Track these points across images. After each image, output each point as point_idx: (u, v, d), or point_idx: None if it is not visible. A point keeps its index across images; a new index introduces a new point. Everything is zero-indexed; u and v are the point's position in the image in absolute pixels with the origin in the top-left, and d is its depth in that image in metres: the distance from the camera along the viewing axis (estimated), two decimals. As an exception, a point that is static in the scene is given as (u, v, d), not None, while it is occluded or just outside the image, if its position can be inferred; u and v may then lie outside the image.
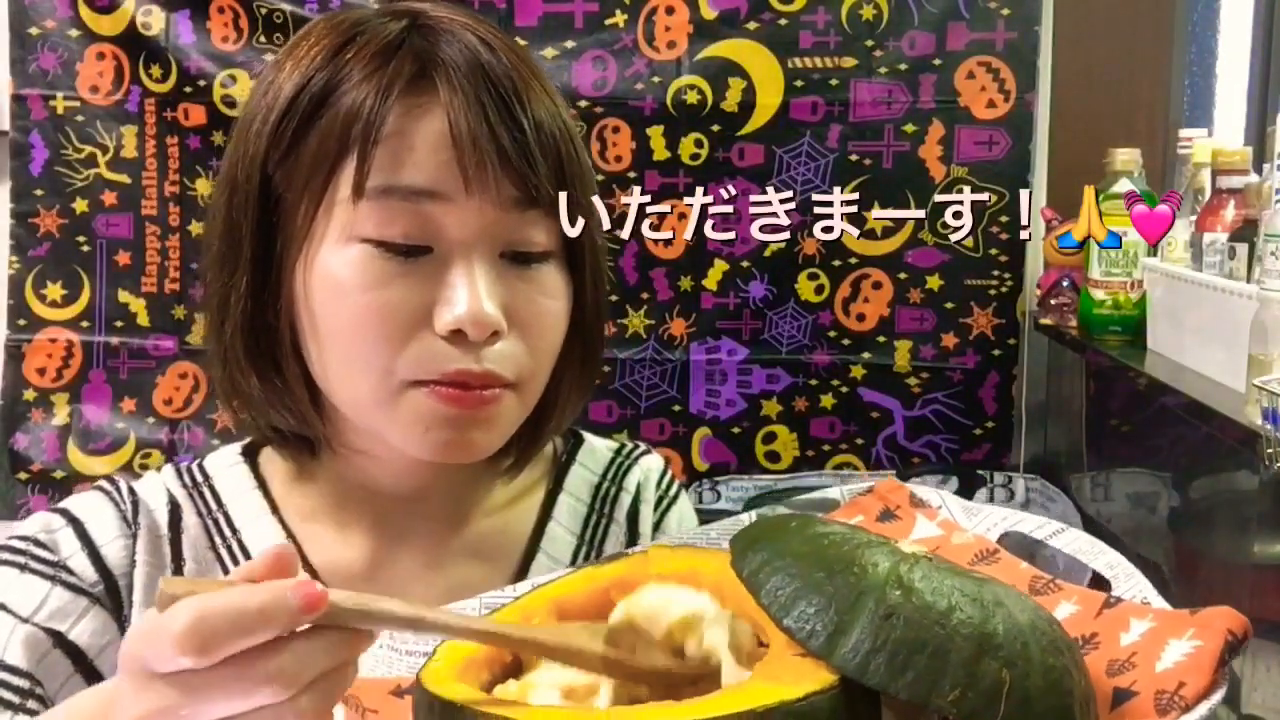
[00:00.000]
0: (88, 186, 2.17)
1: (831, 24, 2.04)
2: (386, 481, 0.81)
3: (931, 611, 0.51)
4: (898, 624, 0.50)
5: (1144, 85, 2.15)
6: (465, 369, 0.72)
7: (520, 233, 0.74)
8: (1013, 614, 0.52)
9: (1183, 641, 0.55)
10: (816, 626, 0.52)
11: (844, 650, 0.51)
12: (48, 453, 2.19)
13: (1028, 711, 0.50)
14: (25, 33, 2.15)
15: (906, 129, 2.04)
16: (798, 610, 0.52)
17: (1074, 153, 2.05)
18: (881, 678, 0.50)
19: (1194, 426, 1.42)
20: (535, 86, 0.75)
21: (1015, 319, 2.06)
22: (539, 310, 0.75)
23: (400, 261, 0.72)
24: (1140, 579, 0.63)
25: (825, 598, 0.52)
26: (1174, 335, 1.62)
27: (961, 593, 0.52)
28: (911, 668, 0.49)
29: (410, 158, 0.71)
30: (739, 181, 2.07)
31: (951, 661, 0.50)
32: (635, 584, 0.63)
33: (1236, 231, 1.46)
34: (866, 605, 0.51)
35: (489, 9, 2.07)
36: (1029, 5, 2.00)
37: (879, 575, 0.53)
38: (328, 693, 0.52)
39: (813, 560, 0.54)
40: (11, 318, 2.19)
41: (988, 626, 0.51)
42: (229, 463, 0.85)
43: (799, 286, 2.10)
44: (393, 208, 0.71)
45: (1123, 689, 0.55)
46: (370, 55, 0.73)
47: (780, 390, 2.12)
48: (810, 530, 0.58)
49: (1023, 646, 0.51)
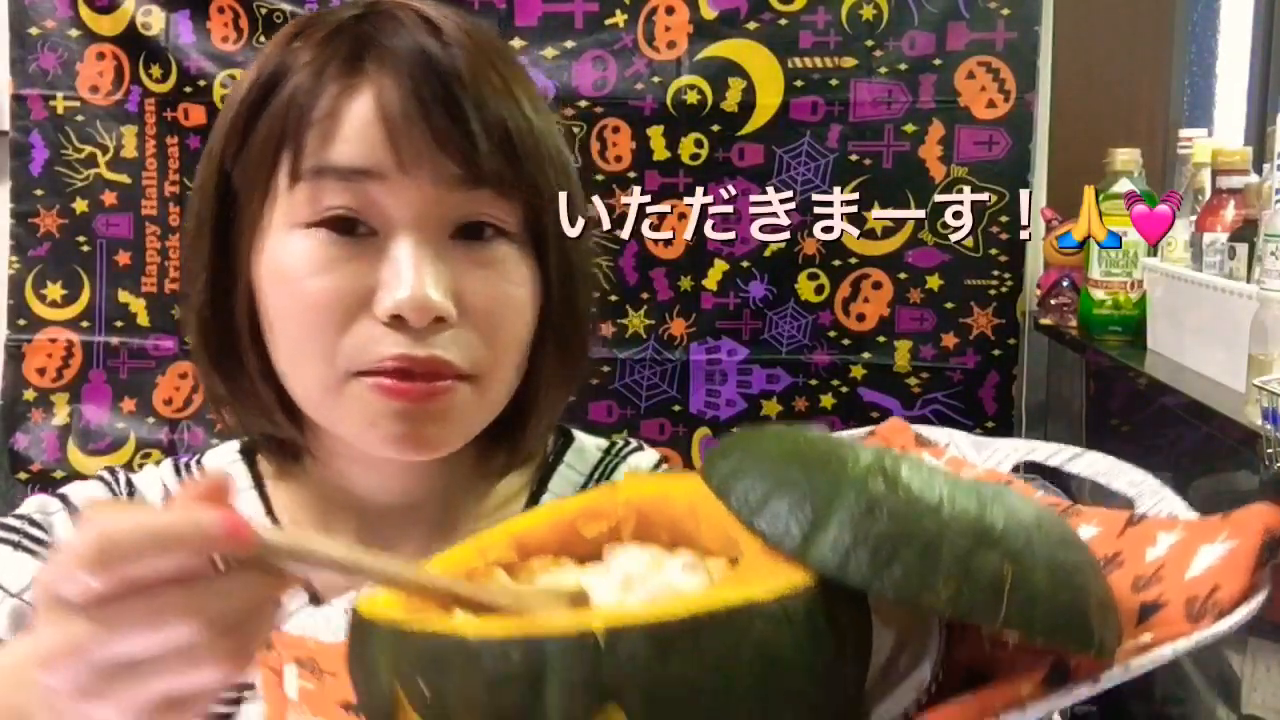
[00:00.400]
0: (88, 186, 2.17)
1: (831, 24, 2.04)
2: (370, 487, 0.79)
3: (920, 503, 0.45)
4: (881, 516, 0.45)
5: (1144, 85, 2.15)
6: (406, 354, 0.69)
7: (467, 209, 0.71)
8: (1014, 508, 0.47)
9: (1215, 545, 0.49)
10: (790, 525, 0.46)
11: (821, 548, 0.45)
12: (48, 453, 2.19)
13: (1034, 610, 0.44)
14: (25, 33, 2.15)
15: (906, 129, 2.04)
16: (769, 510, 0.47)
17: (1074, 153, 2.05)
18: (864, 575, 0.44)
19: (1194, 426, 1.42)
20: (486, 70, 0.72)
21: (1015, 319, 2.06)
22: (495, 296, 0.72)
23: (342, 245, 0.70)
24: (1168, 494, 0.58)
25: (800, 494, 0.46)
26: (1174, 335, 1.62)
27: (955, 485, 0.47)
28: (898, 562, 0.44)
29: (340, 136, 0.69)
30: (739, 181, 2.07)
31: (944, 555, 0.44)
32: (603, 512, 0.58)
33: (1236, 231, 1.47)
34: (846, 499, 0.45)
35: (489, 9, 2.07)
36: (1029, 5, 2.00)
37: (860, 468, 0.47)
38: (249, 636, 0.50)
39: (788, 460, 0.49)
40: (11, 318, 2.19)
41: (985, 518, 0.45)
42: (227, 460, 0.84)
43: (799, 286, 2.10)
44: (327, 187, 0.69)
45: (1149, 603, 0.49)
46: (314, 43, 0.72)
47: (780, 390, 2.12)
48: (789, 435, 0.52)
49: (1027, 540, 0.45)
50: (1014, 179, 2.02)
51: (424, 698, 0.46)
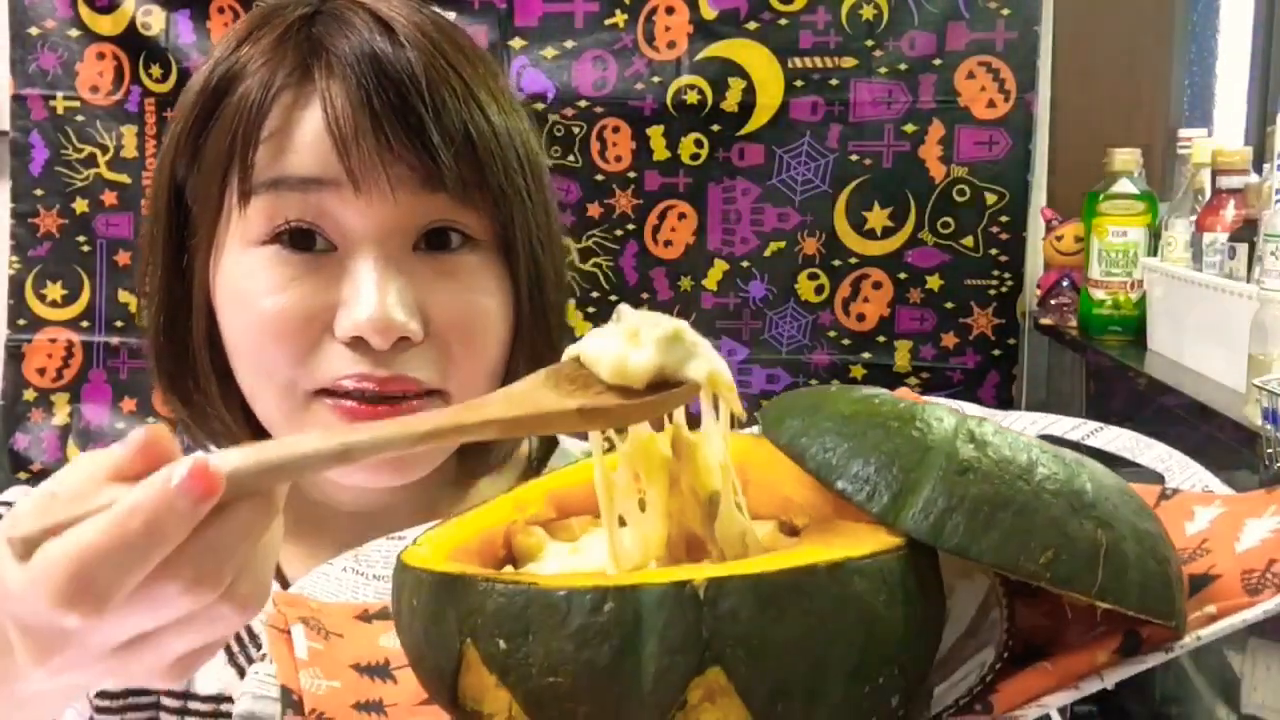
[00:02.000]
0: (88, 186, 2.17)
1: (831, 24, 2.04)
2: (347, 499, 0.77)
3: (1012, 465, 0.44)
4: (974, 479, 0.43)
5: (1144, 85, 2.15)
6: (366, 373, 0.66)
7: (428, 216, 0.68)
8: (1097, 474, 0.46)
9: (1265, 519, 0.49)
10: (879, 486, 0.44)
11: (913, 511, 0.43)
12: (48, 453, 2.19)
13: (1125, 579, 0.43)
14: (25, 33, 2.15)
15: (906, 129, 2.04)
16: (853, 470, 0.45)
17: (1074, 153, 2.05)
18: (960, 539, 0.42)
19: (1194, 426, 1.42)
20: (444, 71, 0.68)
21: (1015, 319, 2.06)
22: (464, 308, 0.69)
23: (299, 263, 0.67)
24: (1198, 469, 0.57)
25: (886, 455, 0.45)
26: (1174, 335, 1.62)
27: (1040, 449, 0.45)
28: (995, 527, 0.42)
29: (292, 148, 0.66)
30: (739, 181, 2.07)
31: (1039, 520, 0.42)
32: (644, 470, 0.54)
33: (1236, 231, 1.47)
34: (936, 461, 0.44)
35: (489, 9, 2.07)
36: (1029, 5, 2.00)
37: (946, 430, 0.46)
38: (261, 569, 0.45)
39: (864, 419, 0.47)
40: (11, 318, 2.19)
41: (1075, 483, 0.44)
42: None
43: (799, 286, 2.10)
44: (282, 199, 0.66)
45: (1199, 575, 0.48)
46: (264, 48, 0.69)
47: (780, 390, 2.12)
48: (855, 394, 0.50)
49: (1114, 508, 0.44)
50: (1014, 179, 2.02)
51: (500, 656, 0.42)
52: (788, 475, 0.50)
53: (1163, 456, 0.58)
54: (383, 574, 0.59)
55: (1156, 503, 0.54)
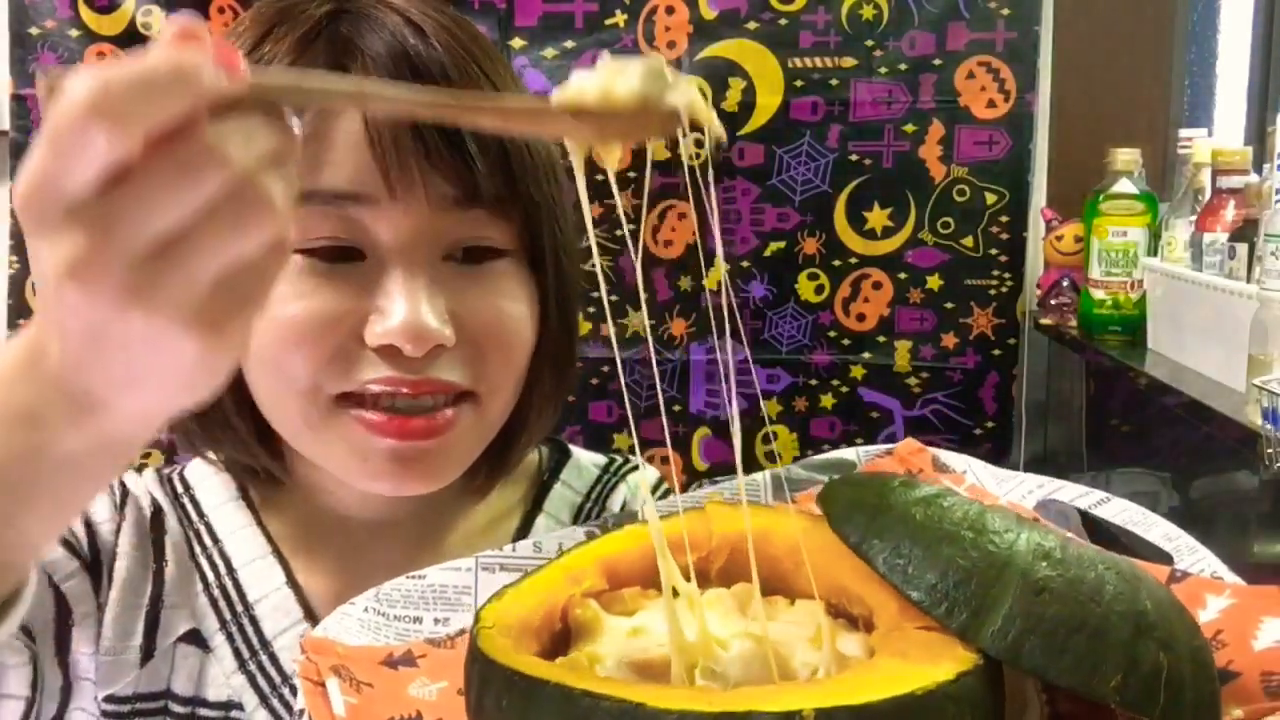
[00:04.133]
0: (88, 186, 2.17)
1: (831, 24, 2.04)
2: (353, 507, 0.77)
3: (1083, 586, 0.46)
4: (1049, 599, 0.45)
5: (1144, 85, 2.15)
6: (397, 376, 0.65)
7: (462, 232, 0.68)
8: (1154, 589, 0.47)
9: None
10: (957, 602, 0.46)
11: (992, 629, 0.45)
12: (48, 453, 2.18)
13: (1181, 701, 0.45)
14: (25, 33, 2.15)
15: (906, 129, 2.04)
16: (930, 582, 0.47)
17: (1074, 153, 2.05)
18: (1038, 661, 0.44)
19: (1194, 426, 1.42)
20: (476, 74, 0.67)
21: (1015, 319, 2.06)
22: (495, 315, 0.69)
23: (328, 270, 0.66)
24: (1205, 553, 0.58)
25: (963, 570, 0.46)
26: (1174, 335, 1.62)
27: (1104, 564, 0.47)
28: (1071, 650, 0.44)
29: (327, 159, 0.65)
30: (739, 181, 2.07)
31: (1110, 643, 0.44)
32: (695, 543, 0.57)
33: (1236, 231, 1.47)
34: (1013, 580, 0.46)
35: (489, 9, 2.07)
36: (1029, 5, 2.00)
37: (1021, 545, 0.47)
38: (286, 178, 0.40)
39: (936, 526, 0.49)
40: (11, 318, 2.19)
41: (1138, 603, 0.46)
42: (212, 470, 0.81)
43: (799, 286, 2.10)
44: (314, 213, 0.65)
45: (1220, 669, 0.49)
46: (288, 47, 0.68)
47: (780, 390, 2.12)
48: (920, 492, 0.52)
49: (1171, 628, 0.46)
50: (1014, 179, 2.02)
51: None
52: (845, 564, 0.51)
53: (1170, 535, 0.60)
54: (403, 613, 0.60)
55: (1166, 583, 0.55)
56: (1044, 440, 2.11)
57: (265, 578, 0.77)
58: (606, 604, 0.55)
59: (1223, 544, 1.52)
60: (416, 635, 0.59)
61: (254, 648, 0.75)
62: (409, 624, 0.59)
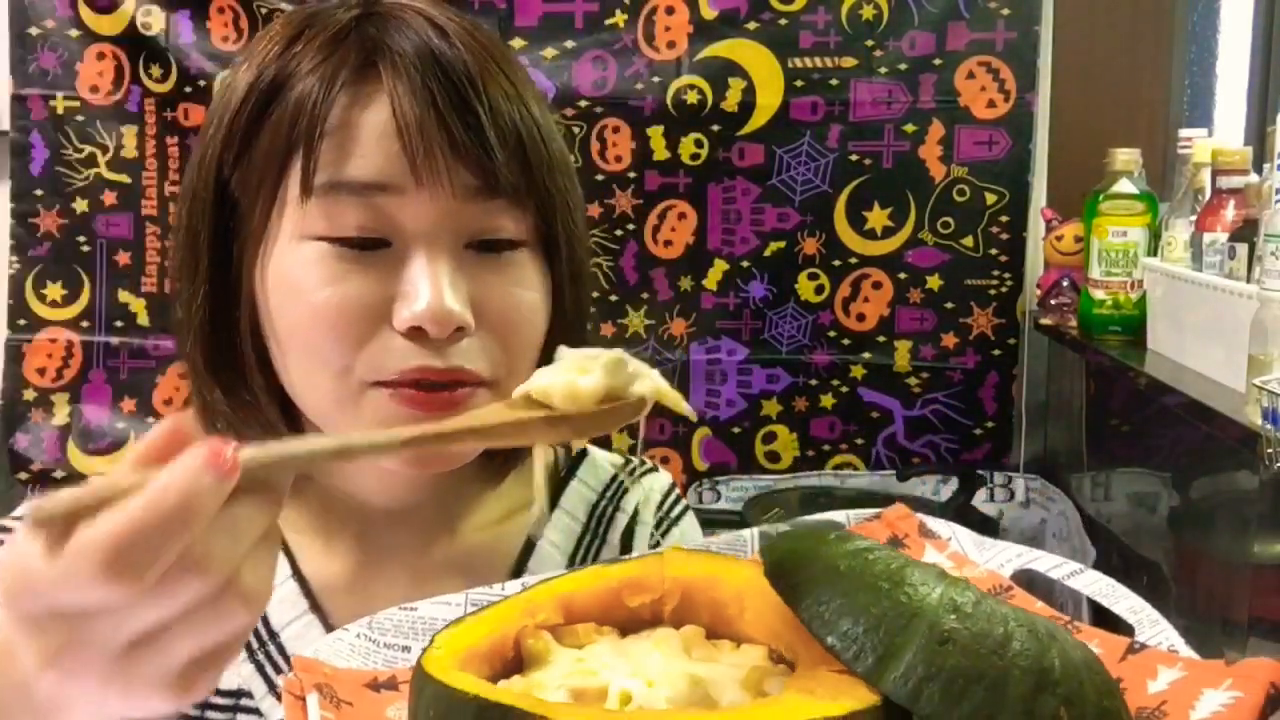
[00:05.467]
0: (88, 186, 2.17)
1: (831, 24, 2.04)
2: (371, 494, 0.79)
3: (988, 640, 0.48)
4: (953, 651, 0.47)
5: (1144, 85, 2.15)
6: (426, 365, 0.68)
7: (484, 222, 0.71)
8: (1067, 649, 0.50)
9: (1220, 692, 0.52)
10: (865, 648, 0.48)
11: (894, 675, 0.47)
12: (48, 453, 2.19)
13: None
14: (25, 33, 2.15)
15: (906, 129, 2.04)
16: (843, 629, 0.49)
17: (1074, 153, 2.05)
18: (935, 708, 0.46)
19: (1194, 426, 1.42)
20: (495, 73, 0.71)
21: (1015, 319, 2.06)
22: (512, 303, 0.72)
23: (356, 256, 0.69)
24: (1166, 626, 0.60)
25: (874, 618, 0.49)
26: (1174, 335, 1.62)
27: (1017, 622, 0.49)
28: (968, 699, 0.46)
29: (356, 150, 0.68)
30: (739, 181, 2.08)
31: (1009, 695, 0.47)
32: (648, 585, 0.60)
33: (1236, 231, 1.47)
34: (920, 629, 0.48)
35: (489, 9, 2.07)
36: (1029, 5, 2.00)
37: (932, 598, 0.50)
38: (265, 565, 0.46)
39: (857, 577, 0.52)
40: (11, 318, 2.19)
41: (1045, 660, 0.48)
42: None
43: (799, 286, 2.10)
44: (342, 203, 0.68)
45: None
46: (318, 47, 0.71)
47: (780, 390, 2.12)
48: (851, 545, 0.55)
49: (1079, 685, 0.48)
50: (1014, 179, 2.02)
51: None
52: (785, 611, 0.54)
53: (1135, 608, 0.62)
54: (393, 642, 0.62)
55: (1124, 655, 0.58)
56: (1044, 440, 2.11)
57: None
58: (560, 636, 0.58)
59: (1222, 544, 1.53)
60: (404, 663, 0.61)
61: (262, 638, 0.76)
62: (398, 652, 0.61)
